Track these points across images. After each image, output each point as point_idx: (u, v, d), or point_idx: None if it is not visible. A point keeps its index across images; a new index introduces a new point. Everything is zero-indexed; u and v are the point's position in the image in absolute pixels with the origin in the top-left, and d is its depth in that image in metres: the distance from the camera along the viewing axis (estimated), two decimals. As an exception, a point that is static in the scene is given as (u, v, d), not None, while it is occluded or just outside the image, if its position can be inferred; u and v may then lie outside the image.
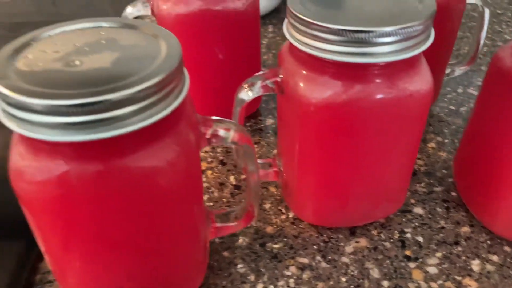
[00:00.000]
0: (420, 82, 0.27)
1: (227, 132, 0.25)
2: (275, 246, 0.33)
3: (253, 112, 0.47)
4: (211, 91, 0.41)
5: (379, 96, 0.26)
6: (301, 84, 0.27)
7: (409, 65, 0.26)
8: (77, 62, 0.21)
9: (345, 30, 0.24)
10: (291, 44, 0.28)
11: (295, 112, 0.28)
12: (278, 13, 0.68)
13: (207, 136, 0.25)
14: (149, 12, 0.40)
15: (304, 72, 0.27)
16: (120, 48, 0.22)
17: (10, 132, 0.21)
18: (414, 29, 0.24)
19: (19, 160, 0.21)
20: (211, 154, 0.42)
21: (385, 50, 0.25)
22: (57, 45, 0.22)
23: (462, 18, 0.66)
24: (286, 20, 0.28)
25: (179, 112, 0.23)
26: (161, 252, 0.25)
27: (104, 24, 0.24)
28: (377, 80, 0.26)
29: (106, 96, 0.19)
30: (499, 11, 0.69)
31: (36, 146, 0.20)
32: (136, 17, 0.41)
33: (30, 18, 0.74)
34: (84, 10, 0.75)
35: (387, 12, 0.26)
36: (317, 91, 0.26)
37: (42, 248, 0.24)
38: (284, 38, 0.28)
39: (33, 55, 0.21)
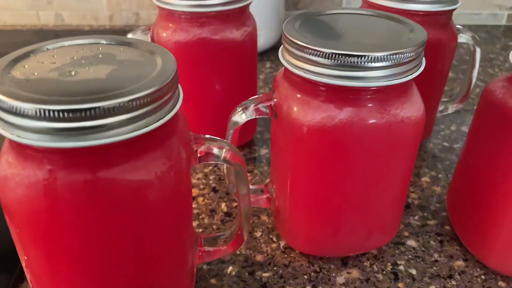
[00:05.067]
0: (412, 108, 0.27)
1: (220, 150, 0.25)
2: (265, 274, 0.32)
3: (247, 141, 0.47)
4: (205, 116, 0.42)
5: (371, 120, 0.26)
6: (295, 108, 0.27)
7: (401, 91, 0.27)
8: (73, 73, 0.21)
9: (338, 54, 0.25)
10: (285, 69, 0.29)
11: (288, 135, 0.28)
12: (275, 50, 0.70)
13: (199, 154, 0.25)
14: (148, 39, 0.41)
15: (298, 95, 0.27)
16: (117, 62, 0.22)
17: None
18: (405, 56, 0.25)
19: (6, 168, 0.21)
20: (203, 181, 0.42)
21: (377, 74, 0.25)
22: (55, 57, 0.22)
23: (455, 60, 0.68)
24: (281, 46, 0.29)
25: (171, 126, 0.23)
26: (146, 271, 0.24)
27: (103, 41, 0.25)
28: (370, 105, 0.26)
29: (98, 103, 0.19)
30: (491, 56, 0.71)
31: (24, 153, 0.20)
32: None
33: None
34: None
35: (379, 41, 0.27)
36: (310, 114, 0.27)
37: (23, 262, 0.24)
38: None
39: (30, 65, 0.22)
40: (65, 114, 0.18)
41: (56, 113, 0.18)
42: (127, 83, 0.20)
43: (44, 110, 0.18)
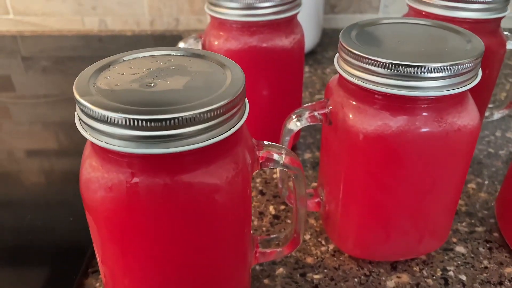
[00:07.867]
0: (468, 117, 0.27)
1: (279, 155, 0.27)
2: (316, 276, 0.33)
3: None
4: (253, 121, 0.43)
5: (427, 129, 0.27)
6: (351, 115, 0.28)
7: (457, 101, 0.27)
8: (152, 84, 0.23)
9: (396, 64, 0.25)
10: (340, 76, 0.29)
11: (343, 142, 0.29)
12: (314, 55, 0.71)
13: (260, 160, 0.26)
14: (199, 47, 0.43)
15: (354, 103, 0.28)
16: (190, 73, 0.24)
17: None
18: (463, 66, 0.26)
19: (91, 171, 0.23)
20: (251, 184, 0.43)
21: (434, 84, 0.26)
22: (132, 68, 0.24)
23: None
24: (337, 55, 0.30)
25: (238, 134, 0.24)
26: (212, 268, 0.25)
27: (173, 53, 0.26)
28: (426, 114, 0.27)
29: (178, 114, 0.20)
30: (534, 60, 0.70)
31: (108, 158, 0.22)
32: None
33: (77, 52, 0.78)
34: (129, 48, 0.80)
35: (436, 51, 0.27)
36: (367, 121, 0.27)
37: (99, 258, 0.25)
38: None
39: (111, 76, 0.23)
40: (150, 123, 0.20)
41: (141, 122, 0.20)
42: (202, 94, 0.22)
43: (131, 120, 0.20)
